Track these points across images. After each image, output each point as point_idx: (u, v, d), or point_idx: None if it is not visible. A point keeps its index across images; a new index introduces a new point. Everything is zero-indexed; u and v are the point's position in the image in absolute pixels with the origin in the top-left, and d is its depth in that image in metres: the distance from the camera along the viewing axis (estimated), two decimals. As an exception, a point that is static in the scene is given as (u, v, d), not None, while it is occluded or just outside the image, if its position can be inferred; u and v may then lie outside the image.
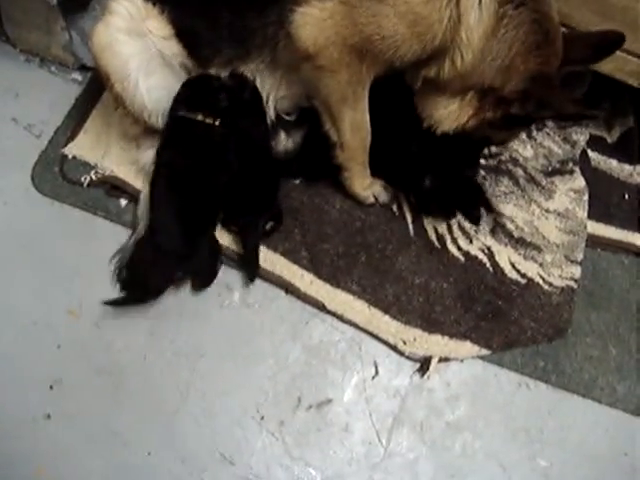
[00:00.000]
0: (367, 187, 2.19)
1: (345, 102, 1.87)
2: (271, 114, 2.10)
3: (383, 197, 2.22)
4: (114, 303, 1.94)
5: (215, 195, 2.03)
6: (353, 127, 1.96)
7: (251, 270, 2.05)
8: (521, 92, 1.73)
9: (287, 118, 2.16)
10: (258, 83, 2.03)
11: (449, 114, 1.86)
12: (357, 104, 1.89)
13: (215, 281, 2.05)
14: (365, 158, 2.10)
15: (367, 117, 1.96)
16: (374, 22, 1.63)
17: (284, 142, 2.21)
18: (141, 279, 1.96)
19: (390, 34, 1.64)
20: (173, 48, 1.97)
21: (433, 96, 1.86)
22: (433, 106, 1.88)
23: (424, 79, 1.81)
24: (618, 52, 2.05)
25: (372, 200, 2.22)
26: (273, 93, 2.06)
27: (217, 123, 2.01)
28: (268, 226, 2.08)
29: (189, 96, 1.99)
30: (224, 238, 2.09)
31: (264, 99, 2.06)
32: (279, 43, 1.82)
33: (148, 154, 2.06)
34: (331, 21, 1.67)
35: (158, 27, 1.93)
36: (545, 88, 1.71)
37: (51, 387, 1.87)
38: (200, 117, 2.00)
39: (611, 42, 1.78)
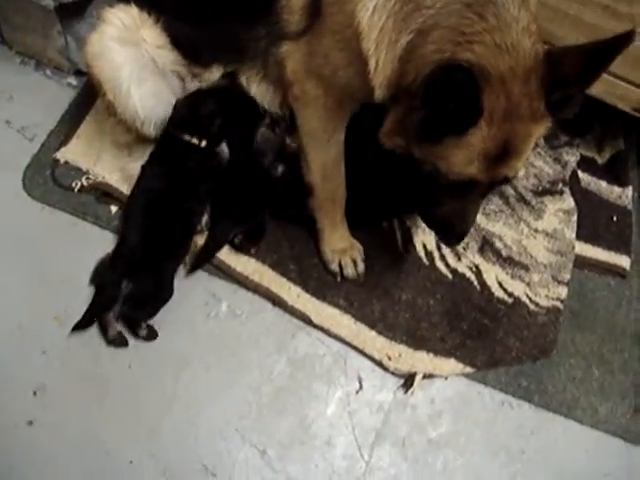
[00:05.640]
0: (336, 252, 2.11)
1: (314, 138, 1.91)
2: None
3: (349, 271, 2.11)
4: (78, 326, 1.91)
5: (185, 225, 2.03)
6: (323, 172, 1.97)
7: (195, 265, 2.05)
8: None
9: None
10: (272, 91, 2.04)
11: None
12: (328, 146, 1.92)
13: (202, 290, 2.06)
14: (336, 216, 2.08)
15: (339, 169, 1.97)
16: (322, 52, 1.70)
17: None
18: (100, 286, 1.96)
19: (334, 61, 1.69)
20: (168, 56, 2.00)
21: None
22: None
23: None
24: (608, 76, 2.08)
25: (335, 268, 2.11)
26: None
27: (203, 145, 2.02)
28: (237, 240, 2.08)
29: (183, 117, 2.01)
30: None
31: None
32: (270, 58, 1.86)
33: (138, 164, 2.05)
34: (301, 55, 1.75)
35: (153, 36, 1.95)
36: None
37: (35, 393, 1.86)
38: (187, 137, 2.01)
39: (607, 49, 1.37)
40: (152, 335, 1.95)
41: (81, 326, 1.91)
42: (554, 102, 1.46)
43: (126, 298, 1.90)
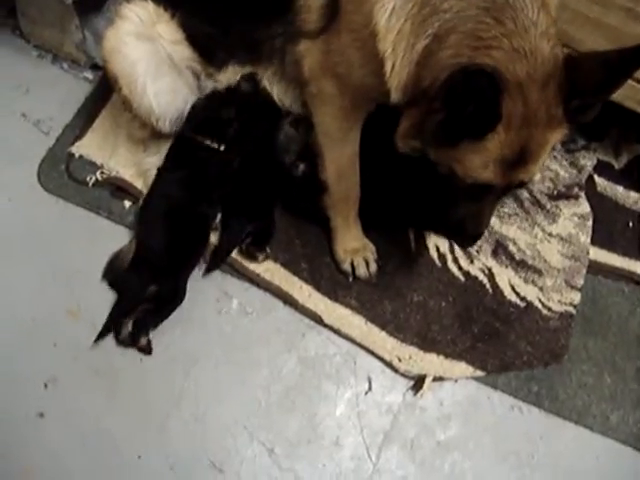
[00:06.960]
0: (348, 251, 2.10)
1: (330, 136, 1.90)
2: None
3: (362, 271, 2.10)
4: (102, 334, 1.92)
5: (203, 229, 2.04)
6: (338, 171, 1.96)
7: (212, 266, 2.05)
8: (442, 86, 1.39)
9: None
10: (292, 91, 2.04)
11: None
12: (343, 145, 1.91)
13: (213, 288, 2.06)
14: (350, 216, 2.07)
15: (354, 169, 1.96)
16: (338, 51, 1.68)
17: None
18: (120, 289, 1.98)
19: (349, 59, 1.67)
20: (183, 52, 2.01)
21: None
22: None
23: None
24: (629, 80, 2.04)
25: (347, 268, 2.10)
26: None
27: (222, 148, 2.04)
28: (244, 246, 2.07)
29: (199, 120, 2.02)
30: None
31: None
32: (287, 57, 1.86)
33: (153, 159, 2.07)
34: (318, 53, 1.74)
35: (169, 31, 1.96)
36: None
37: (45, 385, 1.88)
38: (207, 141, 2.03)
39: (629, 60, 1.34)
40: (148, 349, 1.93)
41: (104, 334, 1.91)
42: (573, 109, 1.44)
43: (148, 302, 1.92)
